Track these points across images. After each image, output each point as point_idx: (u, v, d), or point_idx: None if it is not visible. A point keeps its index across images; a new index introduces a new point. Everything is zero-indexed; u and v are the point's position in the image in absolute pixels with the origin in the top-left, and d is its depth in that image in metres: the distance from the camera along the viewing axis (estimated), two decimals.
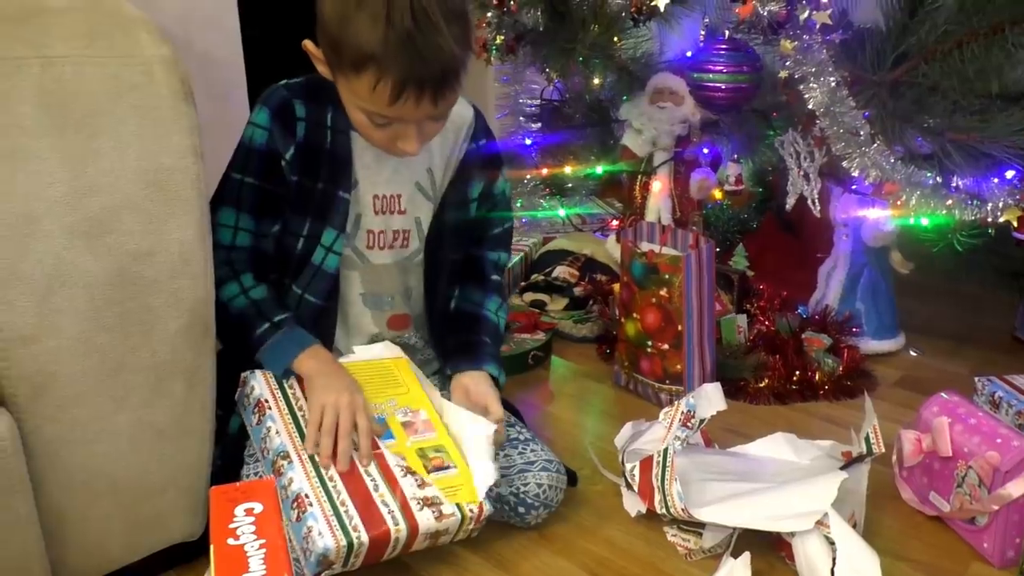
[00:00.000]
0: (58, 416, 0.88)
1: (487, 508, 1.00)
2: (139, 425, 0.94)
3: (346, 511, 0.94)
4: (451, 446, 1.04)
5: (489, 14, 1.65)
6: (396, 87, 0.94)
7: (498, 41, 1.67)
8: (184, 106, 0.91)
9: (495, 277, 1.25)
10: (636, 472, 1.09)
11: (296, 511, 0.95)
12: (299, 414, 1.04)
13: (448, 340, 1.19)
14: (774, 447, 1.21)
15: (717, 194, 1.83)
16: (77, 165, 0.84)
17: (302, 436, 1.01)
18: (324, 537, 0.92)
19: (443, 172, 1.16)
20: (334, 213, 1.08)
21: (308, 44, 1.02)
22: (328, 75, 1.03)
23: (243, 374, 1.08)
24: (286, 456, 0.99)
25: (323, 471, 0.98)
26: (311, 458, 0.99)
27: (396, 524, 0.95)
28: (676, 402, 1.19)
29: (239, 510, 0.73)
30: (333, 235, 1.08)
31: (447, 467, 1.02)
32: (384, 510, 0.95)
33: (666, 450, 1.07)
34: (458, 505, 0.98)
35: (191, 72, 0.92)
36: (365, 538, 0.93)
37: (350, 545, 0.92)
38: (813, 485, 1.00)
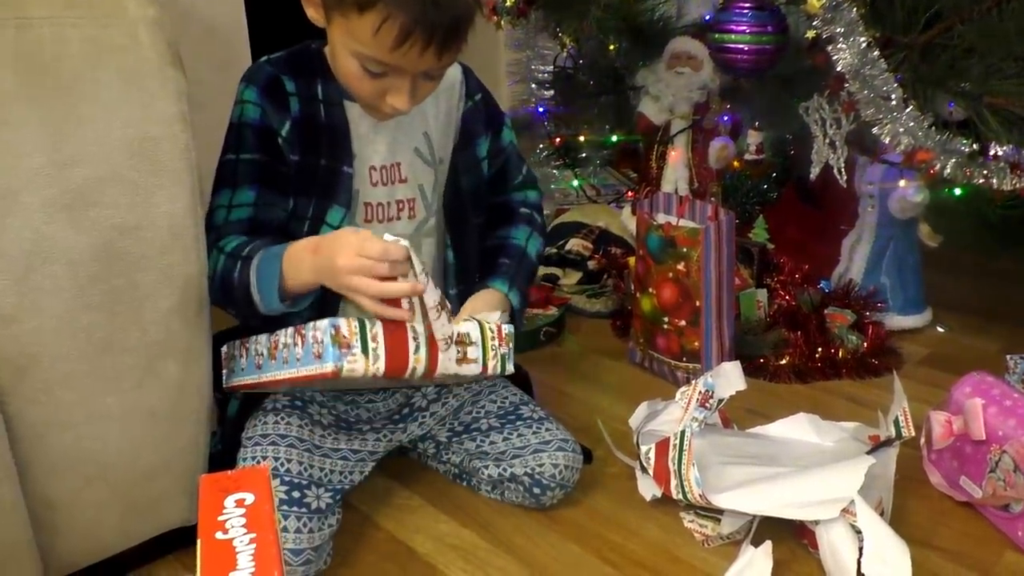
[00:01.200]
0: (42, 399, 0.84)
1: (507, 328, 0.94)
2: (130, 407, 0.90)
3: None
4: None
5: None
6: (403, 30, 0.88)
7: (508, 3, 1.60)
8: (172, 71, 0.86)
9: (524, 210, 1.19)
10: (651, 455, 1.04)
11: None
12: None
13: (477, 280, 1.13)
14: (796, 428, 1.16)
15: (736, 163, 1.76)
16: (57, 134, 0.79)
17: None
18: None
19: (441, 136, 1.10)
20: (340, 190, 1.02)
21: None
22: (319, 19, 0.96)
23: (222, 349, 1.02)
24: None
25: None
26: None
27: (415, 333, 0.88)
28: (693, 381, 1.15)
29: (229, 501, 0.69)
30: (341, 213, 1.02)
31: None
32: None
33: (683, 432, 1.02)
34: (477, 321, 0.93)
35: (192, 40, 0.87)
36: (379, 328, 0.86)
37: (362, 323, 0.85)
38: (839, 470, 0.95)
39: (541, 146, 2.01)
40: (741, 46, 1.42)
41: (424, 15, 0.88)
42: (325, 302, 0.99)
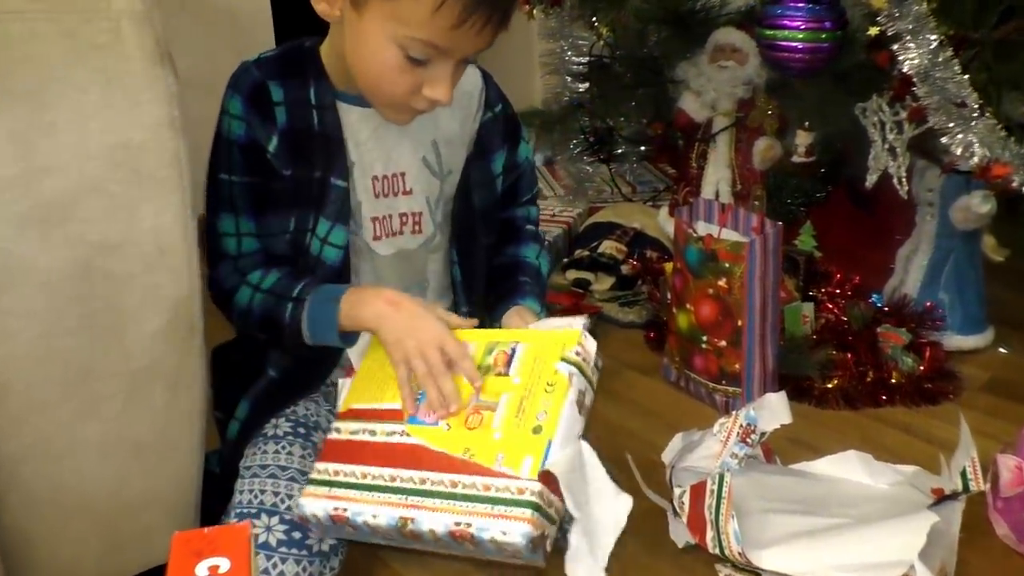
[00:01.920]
0: (16, 430, 0.77)
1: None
2: (113, 437, 0.83)
3: None
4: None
5: None
6: (467, 7, 0.81)
7: None
8: (158, 70, 0.78)
9: (529, 227, 1.13)
10: (686, 499, 0.95)
11: None
12: None
13: (490, 297, 1.06)
14: (846, 467, 1.06)
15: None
16: (27, 142, 0.72)
17: None
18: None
19: (454, 147, 1.01)
20: (327, 203, 0.93)
21: None
22: (332, 11, 0.88)
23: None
24: None
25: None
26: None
27: None
28: (734, 412, 1.05)
29: (201, 568, 0.61)
30: (327, 225, 0.94)
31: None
32: None
33: (721, 477, 0.92)
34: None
35: (212, 25, 0.80)
36: None
37: None
38: (897, 528, 0.85)
39: (574, 141, 1.90)
40: (794, 44, 1.29)
41: None
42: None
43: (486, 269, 1.07)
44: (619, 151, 1.98)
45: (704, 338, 1.27)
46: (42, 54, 0.72)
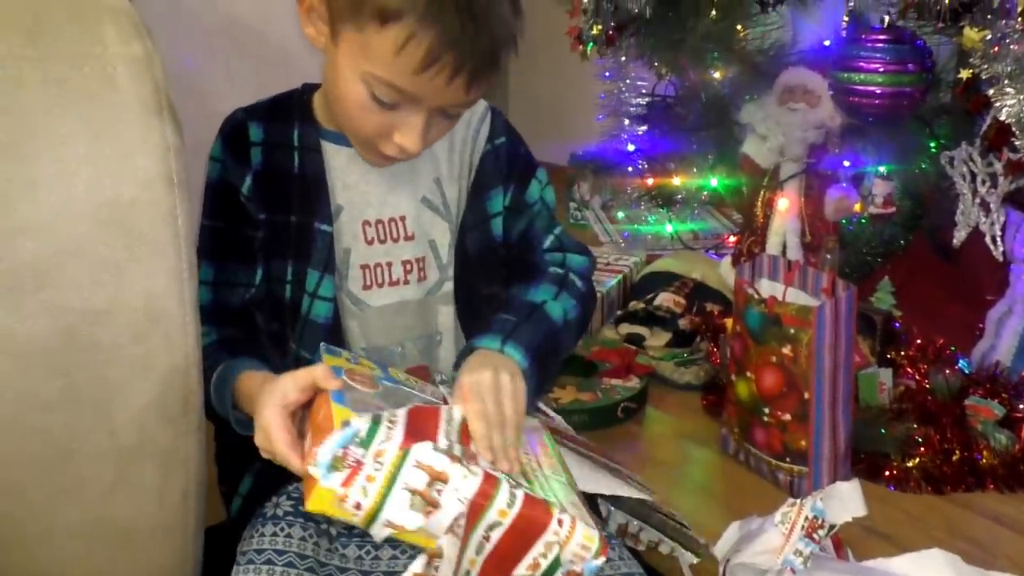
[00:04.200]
0: None
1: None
2: (97, 522, 0.76)
3: None
4: None
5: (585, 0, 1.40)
6: (432, 51, 0.74)
7: (595, 31, 1.41)
8: (154, 120, 0.71)
9: (555, 270, 0.96)
10: None
11: None
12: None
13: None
14: (930, 569, 0.92)
15: (857, 207, 1.52)
16: (3, 200, 0.66)
17: None
18: None
19: (457, 183, 0.93)
20: (313, 251, 0.87)
21: None
22: (318, 37, 0.82)
23: None
24: None
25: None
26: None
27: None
28: (798, 502, 0.93)
29: None
30: (316, 277, 0.88)
31: None
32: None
33: None
34: None
35: (267, 66, 0.74)
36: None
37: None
38: None
39: (632, 187, 1.81)
40: (872, 88, 1.17)
41: (460, 34, 0.73)
42: None
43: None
44: (679, 196, 1.88)
45: (766, 410, 1.14)
46: (23, 104, 0.66)
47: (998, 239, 1.12)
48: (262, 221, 0.87)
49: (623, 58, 1.63)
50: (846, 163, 1.46)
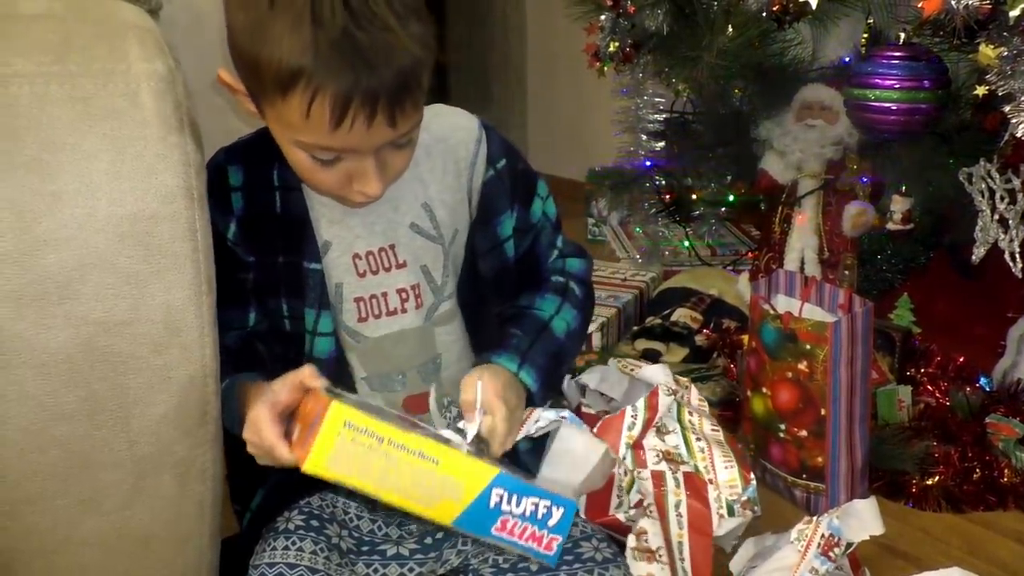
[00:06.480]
0: (8, 524, 0.72)
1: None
2: (116, 532, 0.76)
3: None
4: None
5: (602, 17, 1.41)
6: (338, 105, 0.72)
7: (612, 48, 1.42)
8: (175, 137, 0.72)
9: (557, 279, 0.98)
10: None
11: None
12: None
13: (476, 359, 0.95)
14: None
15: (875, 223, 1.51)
16: (28, 213, 0.67)
17: None
18: None
19: (451, 206, 0.93)
20: (307, 289, 0.87)
21: (223, 74, 0.80)
22: (253, 112, 0.82)
23: None
24: None
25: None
26: None
27: None
28: (814, 519, 0.92)
29: None
30: (313, 315, 0.88)
31: None
32: None
33: None
34: None
35: None
36: None
37: None
38: None
39: (649, 202, 1.81)
40: (888, 105, 1.17)
41: (356, 81, 0.71)
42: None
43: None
44: (697, 212, 1.88)
45: (782, 426, 1.14)
46: (48, 120, 0.67)
47: (1017, 256, 1.11)
48: (252, 263, 0.87)
49: (640, 75, 1.64)
50: (863, 179, 1.46)
